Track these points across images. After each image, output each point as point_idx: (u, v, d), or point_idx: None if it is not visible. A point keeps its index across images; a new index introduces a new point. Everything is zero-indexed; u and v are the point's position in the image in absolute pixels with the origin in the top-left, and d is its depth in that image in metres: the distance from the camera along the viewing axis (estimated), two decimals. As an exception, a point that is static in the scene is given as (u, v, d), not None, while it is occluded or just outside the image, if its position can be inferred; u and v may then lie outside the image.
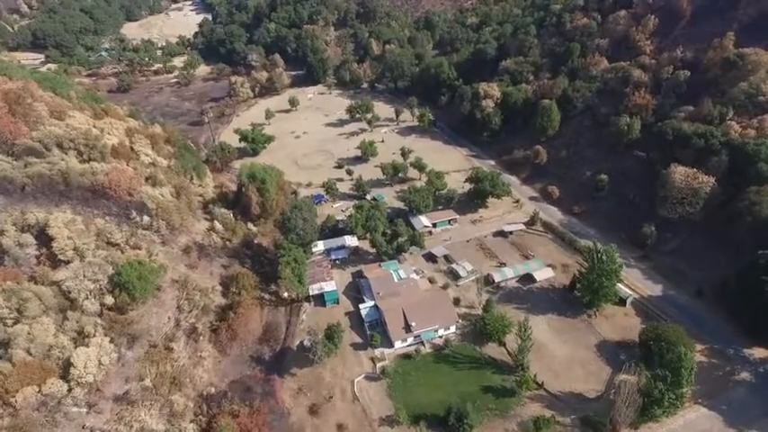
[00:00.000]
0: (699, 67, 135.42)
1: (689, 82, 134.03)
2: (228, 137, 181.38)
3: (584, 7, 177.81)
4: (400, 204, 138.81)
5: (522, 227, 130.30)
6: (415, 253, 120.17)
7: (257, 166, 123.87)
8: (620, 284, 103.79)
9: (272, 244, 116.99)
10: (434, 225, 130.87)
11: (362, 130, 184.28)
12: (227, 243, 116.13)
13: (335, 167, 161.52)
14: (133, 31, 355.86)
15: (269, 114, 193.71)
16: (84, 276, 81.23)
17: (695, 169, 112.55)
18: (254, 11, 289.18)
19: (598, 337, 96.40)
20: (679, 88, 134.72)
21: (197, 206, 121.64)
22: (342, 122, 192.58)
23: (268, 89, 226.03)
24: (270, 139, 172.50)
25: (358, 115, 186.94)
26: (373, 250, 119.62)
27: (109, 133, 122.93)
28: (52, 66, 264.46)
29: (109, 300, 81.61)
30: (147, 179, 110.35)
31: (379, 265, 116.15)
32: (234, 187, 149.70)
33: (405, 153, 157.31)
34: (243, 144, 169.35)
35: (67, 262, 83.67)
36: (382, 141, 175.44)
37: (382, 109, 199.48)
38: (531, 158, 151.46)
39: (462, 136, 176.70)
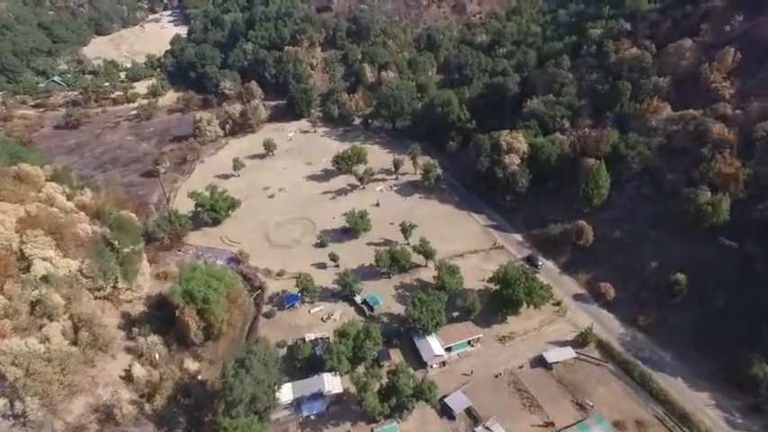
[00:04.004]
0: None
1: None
2: (188, 193, 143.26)
3: (631, 33, 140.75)
4: (401, 308, 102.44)
5: (571, 352, 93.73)
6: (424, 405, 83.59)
7: (196, 281, 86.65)
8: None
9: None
10: (449, 349, 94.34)
11: (352, 187, 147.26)
12: (153, 398, 79.26)
13: (316, 245, 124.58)
14: (100, 48, 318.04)
15: (237, 165, 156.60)
16: None
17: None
18: (230, 27, 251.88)
19: None
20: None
21: (110, 339, 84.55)
22: (327, 174, 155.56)
23: (242, 126, 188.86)
24: (234, 204, 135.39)
25: (347, 167, 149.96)
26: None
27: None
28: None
29: None
30: (14, 329, 73.15)
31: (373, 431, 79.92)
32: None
33: (406, 230, 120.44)
34: (201, 210, 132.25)
35: None
36: (377, 205, 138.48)
37: (378, 156, 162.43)
38: (573, 237, 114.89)
39: (479, 197, 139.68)
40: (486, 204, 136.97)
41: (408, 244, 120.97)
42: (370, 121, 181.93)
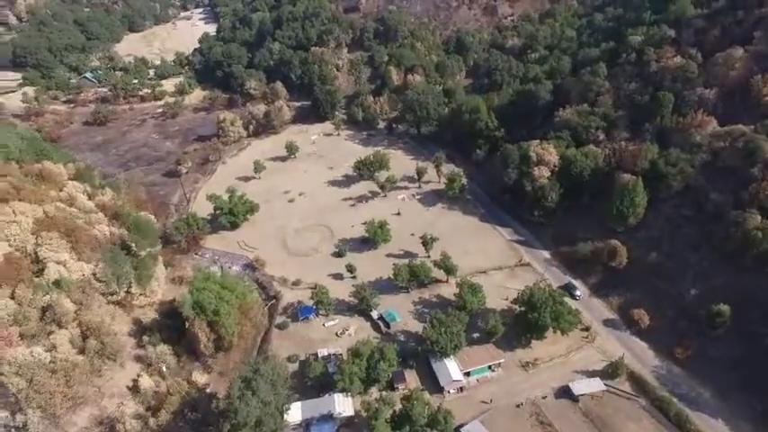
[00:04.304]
0: None
1: None
2: (207, 195, 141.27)
3: (675, 40, 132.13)
4: (419, 325, 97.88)
5: (600, 384, 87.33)
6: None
7: (208, 291, 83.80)
8: None
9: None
10: (468, 374, 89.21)
11: (374, 195, 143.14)
12: (158, 412, 76.76)
13: (334, 254, 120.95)
14: (132, 45, 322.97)
15: (258, 167, 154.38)
16: None
17: None
18: (257, 26, 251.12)
19: None
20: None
21: (119, 347, 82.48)
22: (349, 180, 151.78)
23: (265, 127, 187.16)
24: (253, 208, 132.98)
25: (369, 173, 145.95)
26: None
27: (4, 235, 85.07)
28: (29, 90, 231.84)
29: None
30: (21, 335, 71.53)
31: (384, 460, 75.47)
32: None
33: (427, 242, 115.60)
34: (219, 213, 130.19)
35: None
36: (398, 214, 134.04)
37: (401, 162, 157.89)
38: (604, 257, 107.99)
39: (505, 210, 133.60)
40: (512, 218, 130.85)
41: (429, 257, 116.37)
42: (394, 125, 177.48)
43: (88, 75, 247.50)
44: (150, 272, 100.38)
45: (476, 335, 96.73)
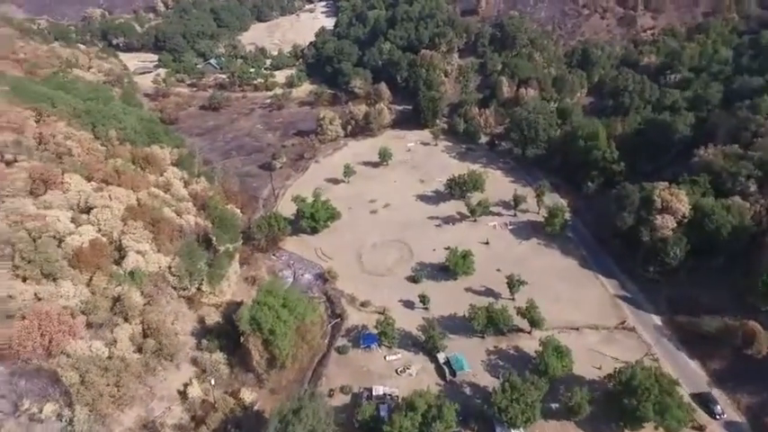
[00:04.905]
0: None
1: None
2: (297, 193, 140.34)
3: None
4: (490, 380, 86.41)
5: None
6: None
7: (268, 307, 79.97)
8: None
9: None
10: (539, 455, 76.10)
11: (462, 217, 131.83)
12: (200, 427, 74.78)
13: (409, 278, 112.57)
14: (257, 34, 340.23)
15: (348, 171, 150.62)
16: None
17: None
18: (372, 24, 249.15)
19: None
20: None
21: (177, 348, 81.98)
22: (438, 197, 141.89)
23: (363, 128, 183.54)
24: (334, 215, 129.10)
25: (460, 193, 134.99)
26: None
27: (97, 219, 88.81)
28: (162, 71, 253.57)
29: None
30: (89, 323, 72.80)
31: None
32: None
33: (513, 284, 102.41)
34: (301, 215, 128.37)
35: None
36: (486, 243, 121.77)
37: (498, 184, 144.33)
38: (737, 339, 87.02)
39: (612, 257, 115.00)
40: (620, 268, 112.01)
41: (513, 299, 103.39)
42: (497, 141, 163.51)
43: (212, 61, 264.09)
44: (223, 271, 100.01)
45: (555, 405, 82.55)
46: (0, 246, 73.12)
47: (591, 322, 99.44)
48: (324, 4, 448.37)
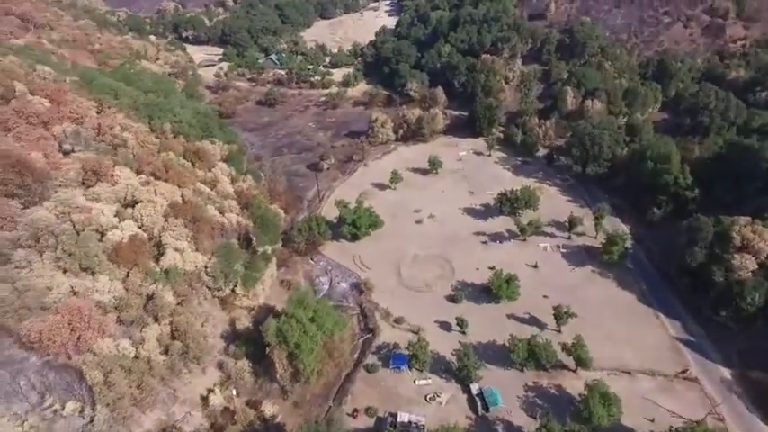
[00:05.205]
0: None
1: None
2: (343, 198, 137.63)
3: None
4: (525, 420, 79.82)
5: None
6: None
7: (295, 320, 77.25)
8: None
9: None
10: None
11: (511, 236, 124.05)
12: (219, 435, 73.39)
13: (448, 297, 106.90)
14: (319, 31, 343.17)
15: (395, 178, 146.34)
16: None
17: None
18: (434, 25, 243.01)
19: None
20: None
21: (205, 350, 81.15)
22: (487, 211, 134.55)
23: (414, 133, 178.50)
24: (376, 223, 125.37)
25: (511, 209, 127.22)
26: None
27: (140, 214, 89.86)
28: (225, 65, 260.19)
29: None
30: (119, 320, 73.00)
31: None
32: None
33: (560, 316, 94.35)
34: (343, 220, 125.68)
35: None
36: (535, 266, 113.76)
37: (553, 202, 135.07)
38: (823, 410, 74.96)
39: (677, 295, 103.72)
40: (685, 308, 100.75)
41: (560, 331, 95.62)
42: (555, 156, 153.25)
43: (273, 57, 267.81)
44: (258, 274, 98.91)
45: (599, 459, 74.82)
46: (44, 236, 74.70)
47: (646, 367, 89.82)
48: (388, 2, 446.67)
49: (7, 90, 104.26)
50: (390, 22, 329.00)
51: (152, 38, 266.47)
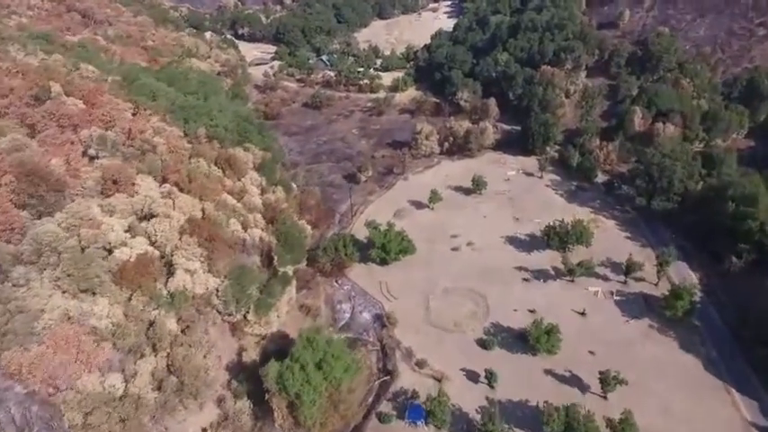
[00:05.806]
0: None
1: None
2: (377, 215, 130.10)
3: None
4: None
5: None
6: None
7: (300, 366, 69.37)
8: None
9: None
10: None
11: (558, 274, 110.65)
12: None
13: (479, 342, 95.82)
14: (374, 31, 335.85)
15: (434, 198, 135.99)
16: None
17: None
18: (492, 31, 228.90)
19: None
20: None
21: (204, 386, 75.17)
22: (533, 243, 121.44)
23: (461, 147, 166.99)
24: (408, 249, 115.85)
25: (559, 244, 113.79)
26: None
27: (153, 230, 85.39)
28: (276, 64, 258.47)
29: None
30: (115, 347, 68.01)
31: None
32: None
33: (608, 382, 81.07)
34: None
35: None
36: (582, 314, 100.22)
37: (609, 238, 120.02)
38: None
39: (754, 367, 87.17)
40: (763, 384, 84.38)
41: (605, 398, 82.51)
42: (616, 183, 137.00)
43: (324, 57, 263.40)
44: (273, 300, 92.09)
45: None
46: (47, 252, 71.04)
47: (710, 458, 75.28)
48: (449, 3, 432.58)
49: (43, 91, 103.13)
50: (449, 24, 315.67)
51: (207, 35, 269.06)
